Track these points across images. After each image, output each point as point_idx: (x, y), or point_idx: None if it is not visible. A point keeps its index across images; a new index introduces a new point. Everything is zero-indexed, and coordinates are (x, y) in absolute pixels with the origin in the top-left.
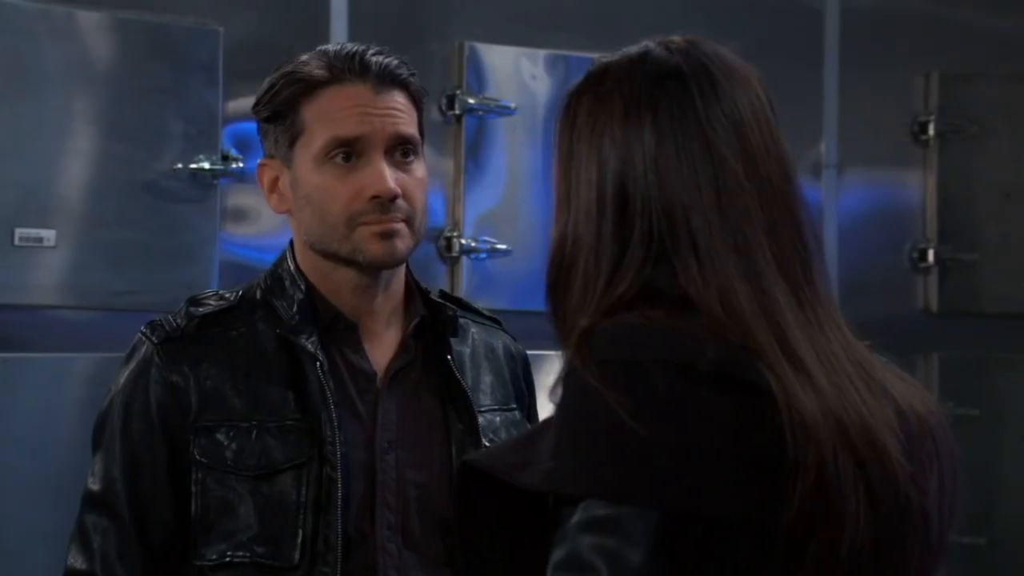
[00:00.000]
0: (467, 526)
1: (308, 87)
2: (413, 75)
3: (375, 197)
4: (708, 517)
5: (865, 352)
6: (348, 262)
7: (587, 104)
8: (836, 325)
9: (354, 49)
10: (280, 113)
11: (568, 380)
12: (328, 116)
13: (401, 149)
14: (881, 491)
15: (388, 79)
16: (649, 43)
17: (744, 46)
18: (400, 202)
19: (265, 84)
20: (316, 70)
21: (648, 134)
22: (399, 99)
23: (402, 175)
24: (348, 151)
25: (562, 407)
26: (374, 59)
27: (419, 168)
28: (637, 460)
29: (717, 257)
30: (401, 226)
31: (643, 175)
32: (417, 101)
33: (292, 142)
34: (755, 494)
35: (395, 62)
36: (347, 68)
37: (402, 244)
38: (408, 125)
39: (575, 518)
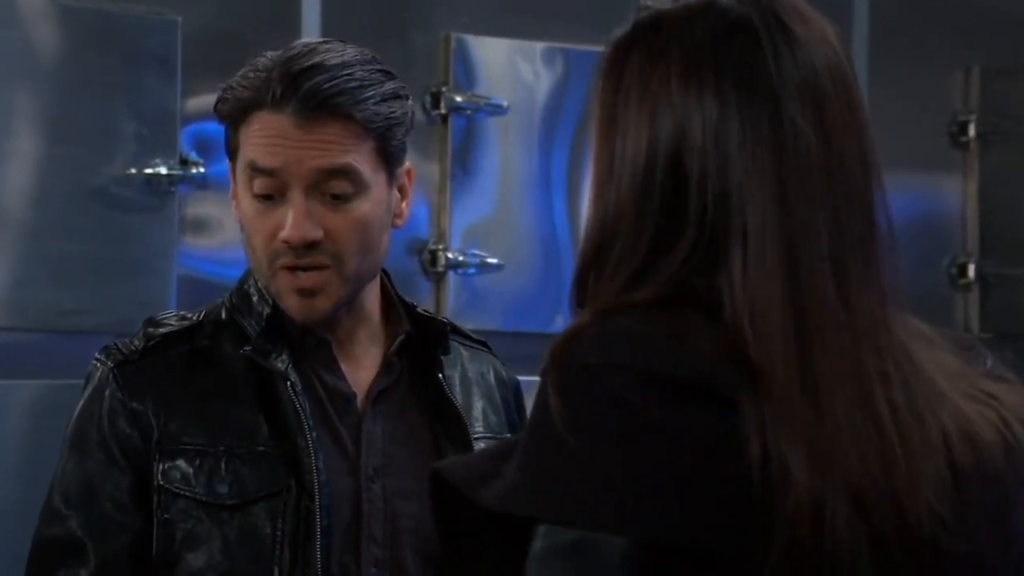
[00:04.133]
0: (448, 537)
1: (238, 107)
2: (364, 100)
3: (286, 242)
4: (672, 546)
5: (941, 358)
6: None
7: (637, 59)
8: (901, 331)
9: (282, 69)
10: (225, 122)
11: (540, 379)
12: (249, 141)
13: (331, 185)
14: (893, 537)
15: (316, 108)
16: None
17: None
18: (325, 245)
19: (224, 86)
20: (244, 91)
21: (710, 100)
22: (331, 129)
23: (330, 215)
24: (268, 186)
25: (531, 411)
26: (306, 83)
27: (358, 207)
28: (579, 479)
29: (767, 256)
30: (321, 280)
31: (702, 149)
32: (370, 128)
33: (232, 155)
34: (724, 526)
35: (336, 86)
36: (270, 93)
37: (324, 301)
38: (339, 156)
39: (538, 542)
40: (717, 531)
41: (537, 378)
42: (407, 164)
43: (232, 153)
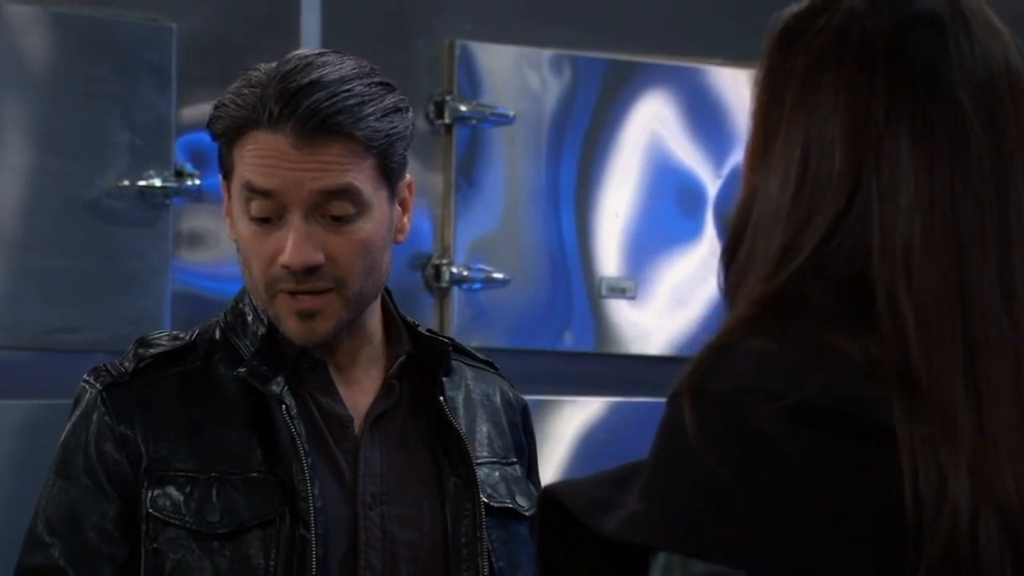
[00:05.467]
0: (549, 560)
1: (232, 126)
2: (364, 117)
3: (286, 267)
4: None
5: None
6: None
7: (809, 38)
8: None
9: (278, 86)
10: (219, 140)
11: (668, 403)
12: (245, 161)
13: (332, 207)
14: None
15: (315, 128)
16: None
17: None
18: (326, 269)
19: (216, 102)
20: (238, 108)
21: (882, 92)
22: (331, 149)
23: (332, 238)
24: (266, 208)
25: (656, 437)
26: (304, 102)
27: (360, 228)
28: (713, 510)
29: (936, 263)
30: (322, 302)
31: (865, 143)
32: (371, 146)
33: (227, 174)
34: (863, 562)
35: (335, 104)
36: (266, 112)
37: (324, 323)
38: (339, 176)
39: (654, 574)
40: (856, 572)
41: (543, 397)
42: (408, 177)
43: (226, 172)
